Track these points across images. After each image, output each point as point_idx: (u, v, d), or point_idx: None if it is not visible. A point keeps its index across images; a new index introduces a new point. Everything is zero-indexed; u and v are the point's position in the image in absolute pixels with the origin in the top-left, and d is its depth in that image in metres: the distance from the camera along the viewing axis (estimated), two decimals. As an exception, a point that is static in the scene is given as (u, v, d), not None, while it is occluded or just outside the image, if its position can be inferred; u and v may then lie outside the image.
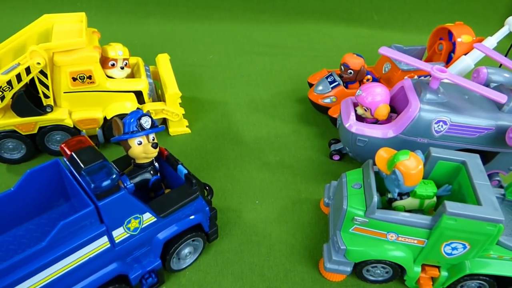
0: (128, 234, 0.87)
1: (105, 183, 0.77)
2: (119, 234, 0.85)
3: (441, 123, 1.12)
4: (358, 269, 0.99)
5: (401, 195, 0.96)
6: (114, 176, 0.79)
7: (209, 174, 1.29)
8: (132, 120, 0.91)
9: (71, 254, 0.79)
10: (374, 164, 0.98)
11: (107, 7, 2.11)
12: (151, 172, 0.98)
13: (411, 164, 0.89)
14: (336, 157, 1.38)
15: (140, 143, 0.92)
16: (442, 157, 1.00)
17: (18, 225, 0.90)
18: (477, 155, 1.00)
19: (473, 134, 1.14)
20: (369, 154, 1.11)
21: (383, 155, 0.94)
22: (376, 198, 0.91)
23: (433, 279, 0.99)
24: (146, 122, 0.92)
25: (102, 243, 0.84)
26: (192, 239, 1.00)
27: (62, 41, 1.16)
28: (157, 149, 0.95)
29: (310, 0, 2.26)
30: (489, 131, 1.13)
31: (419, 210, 0.98)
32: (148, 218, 0.89)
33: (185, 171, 0.97)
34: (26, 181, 0.87)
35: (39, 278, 0.77)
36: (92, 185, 0.77)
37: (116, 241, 0.86)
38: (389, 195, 0.97)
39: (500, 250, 0.93)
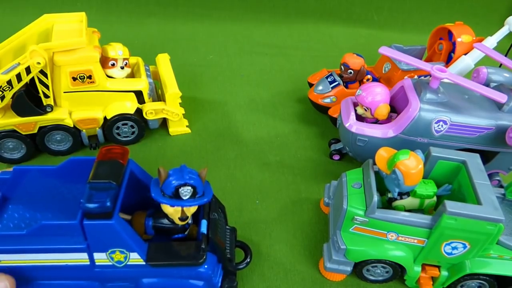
0: (111, 263, 0.84)
1: (92, 205, 0.76)
2: (101, 258, 0.83)
3: (441, 122, 1.12)
4: (358, 268, 0.99)
5: (401, 195, 0.96)
6: (108, 204, 0.76)
7: (209, 174, 1.27)
8: (173, 183, 0.81)
9: (48, 252, 0.81)
10: (374, 163, 0.98)
11: (107, 7, 2.11)
12: (179, 228, 0.89)
13: (411, 164, 0.89)
14: (336, 157, 1.38)
15: (172, 205, 0.83)
16: (442, 157, 1.00)
17: (37, 202, 0.91)
18: (477, 155, 1.00)
19: (473, 133, 1.14)
20: (369, 153, 1.11)
21: (383, 154, 0.94)
22: (376, 197, 0.91)
23: (433, 279, 0.99)
24: (184, 193, 0.81)
25: (81, 258, 0.83)
26: None
27: (62, 41, 1.17)
28: (184, 223, 0.86)
29: (310, 0, 2.26)
30: (489, 130, 1.13)
31: (419, 210, 0.98)
32: (136, 258, 0.84)
33: (204, 231, 0.86)
34: (67, 164, 0.90)
35: (14, 258, 0.82)
36: (82, 201, 0.76)
37: (97, 263, 0.84)
38: (389, 195, 0.97)
39: (500, 250, 0.93)
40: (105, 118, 1.29)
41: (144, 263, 0.84)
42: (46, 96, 1.20)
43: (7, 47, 1.21)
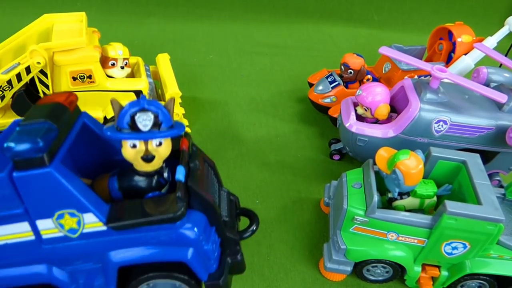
0: (62, 234, 0.66)
1: (19, 147, 0.57)
2: (47, 228, 0.65)
3: (441, 122, 1.12)
4: (358, 268, 0.99)
5: (401, 195, 0.96)
6: (40, 144, 0.57)
7: (209, 174, 1.29)
8: (130, 110, 0.65)
9: None
10: (374, 163, 0.98)
11: (107, 7, 2.11)
12: (152, 184, 0.71)
13: (411, 164, 0.89)
14: (336, 157, 1.38)
15: (134, 146, 0.67)
16: (442, 157, 1.00)
17: None
18: (477, 155, 1.00)
19: (473, 133, 1.14)
20: (369, 153, 1.11)
21: (383, 154, 0.94)
22: (376, 197, 0.91)
23: (434, 279, 0.99)
24: (143, 122, 0.65)
25: (22, 231, 0.65)
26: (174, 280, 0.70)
27: (62, 41, 1.17)
28: (152, 164, 0.68)
29: (310, 0, 2.26)
30: (489, 130, 1.13)
31: (419, 210, 0.98)
32: (92, 222, 0.65)
33: (181, 178, 0.68)
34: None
35: None
36: (5, 145, 0.58)
37: (43, 236, 0.66)
38: (390, 195, 0.97)
39: (501, 250, 0.92)
40: (105, 117, 1.29)
41: (105, 227, 0.64)
42: (46, 96, 1.20)
43: (7, 47, 1.21)
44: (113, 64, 1.27)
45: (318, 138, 1.47)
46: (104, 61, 1.26)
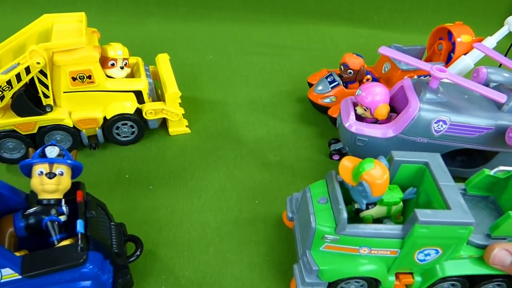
0: None
1: None
2: None
3: (440, 122, 1.12)
4: (333, 286, 0.94)
5: (368, 205, 0.92)
6: None
7: (209, 174, 1.29)
8: (42, 147, 0.86)
9: None
10: (338, 174, 0.93)
11: (107, 7, 2.11)
12: (51, 212, 0.86)
13: (377, 174, 0.85)
14: (336, 157, 1.38)
15: (40, 174, 0.84)
16: (404, 160, 0.96)
17: None
18: (438, 154, 0.97)
19: (472, 133, 1.14)
20: (369, 153, 1.11)
21: (347, 165, 0.89)
22: (345, 214, 0.85)
23: (408, 285, 0.97)
24: (49, 152, 0.85)
25: None
26: None
27: (62, 41, 1.17)
28: (53, 182, 0.84)
29: (310, 0, 2.26)
30: (489, 130, 1.13)
31: (386, 216, 0.96)
32: (9, 273, 0.77)
33: (82, 230, 0.84)
34: None
35: None
36: None
37: None
38: (356, 205, 0.93)
39: (470, 250, 0.91)
40: (104, 118, 1.29)
41: (20, 276, 0.78)
42: (46, 96, 1.20)
43: (7, 47, 1.21)
44: (112, 64, 1.27)
45: (318, 138, 1.47)
46: (104, 61, 1.26)
